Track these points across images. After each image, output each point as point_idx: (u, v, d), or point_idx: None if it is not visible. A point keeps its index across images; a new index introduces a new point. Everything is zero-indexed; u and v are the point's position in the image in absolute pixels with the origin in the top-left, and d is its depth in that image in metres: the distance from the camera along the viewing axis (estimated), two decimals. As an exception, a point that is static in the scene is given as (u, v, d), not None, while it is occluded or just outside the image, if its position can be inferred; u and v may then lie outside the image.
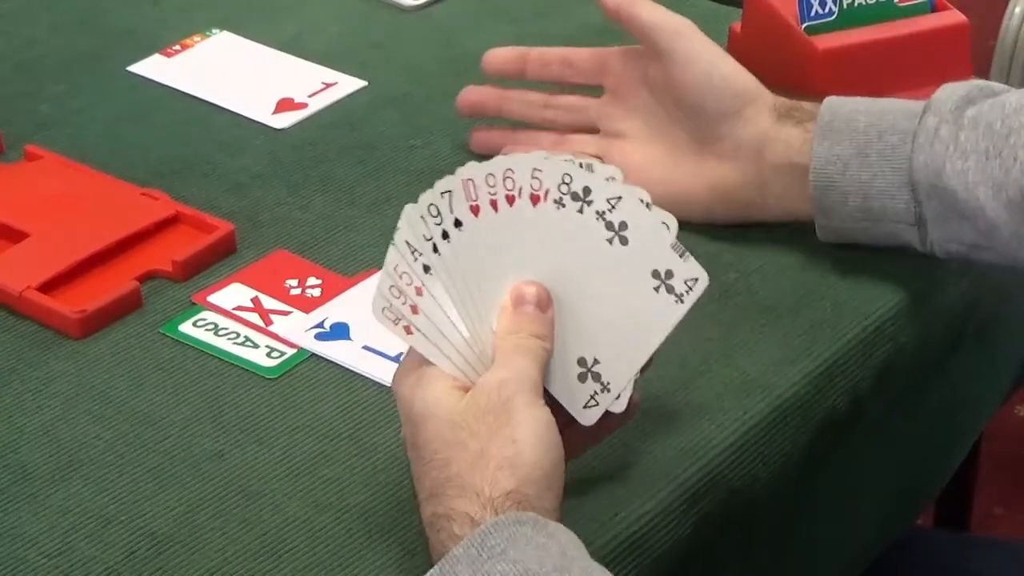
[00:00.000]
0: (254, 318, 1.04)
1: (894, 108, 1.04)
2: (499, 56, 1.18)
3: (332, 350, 1.01)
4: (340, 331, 1.03)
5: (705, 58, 1.09)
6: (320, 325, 1.03)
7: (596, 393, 0.87)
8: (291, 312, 1.04)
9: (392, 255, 0.85)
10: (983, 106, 1.01)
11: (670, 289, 0.86)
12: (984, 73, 1.51)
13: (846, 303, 1.05)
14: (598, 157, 1.12)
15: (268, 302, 1.06)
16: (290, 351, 1.02)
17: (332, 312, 1.04)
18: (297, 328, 1.03)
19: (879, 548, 1.15)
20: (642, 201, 0.86)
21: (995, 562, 1.26)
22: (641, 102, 1.12)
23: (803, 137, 1.06)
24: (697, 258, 0.87)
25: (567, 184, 0.85)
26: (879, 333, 1.04)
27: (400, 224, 0.85)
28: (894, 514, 1.16)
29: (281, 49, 1.33)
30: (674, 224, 0.86)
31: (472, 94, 1.19)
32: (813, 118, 1.06)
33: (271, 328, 1.03)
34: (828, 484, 1.04)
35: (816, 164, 1.04)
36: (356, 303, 1.05)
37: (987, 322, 1.14)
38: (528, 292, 0.86)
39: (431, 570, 0.79)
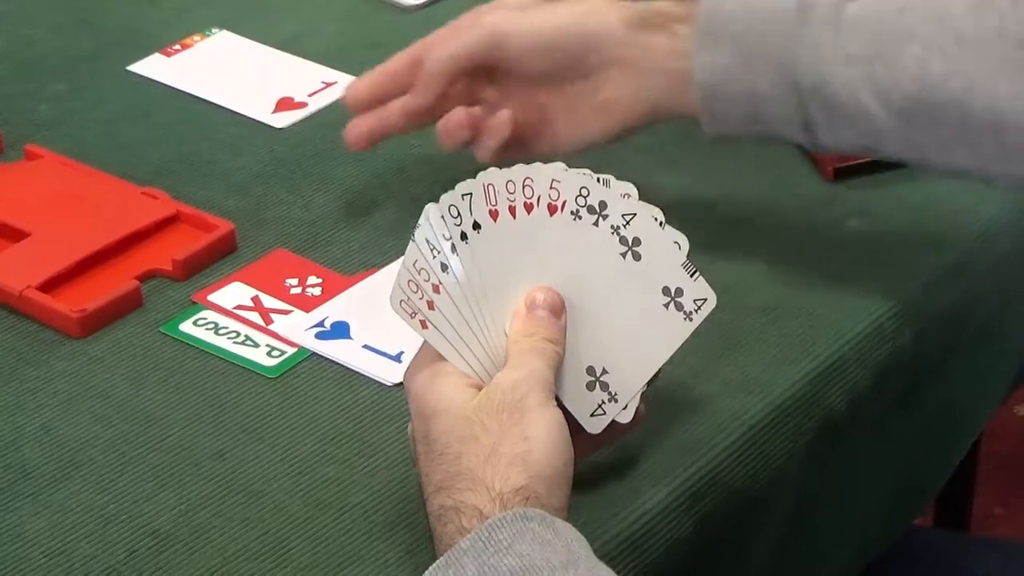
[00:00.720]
0: (254, 317, 1.04)
1: (768, 7, 1.01)
2: (362, 85, 1.12)
3: (332, 349, 1.01)
4: (340, 330, 1.03)
5: (523, 32, 1.06)
6: (320, 324, 1.03)
7: (604, 402, 0.88)
8: (291, 311, 1.05)
9: (411, 251, 0.86)
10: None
11: (679, 307, 0.88)
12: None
13: (845, 303, 1.05)
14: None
15: (268, 301, 1.06)
16: (290, 350, 1.02)
17: (332, 311, 1.04)
18: (297, 327, 1.03)
19: (879, 548, 1.15)
20: (655, 219, 0.88)
21: (995, 562, 1.26)
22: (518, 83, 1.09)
23: (670, 44, 1.03)
24: (695, 256, 0.88)
25: (584, 197, 0.87)
26: (878, 333, 1.04)
27: (421, 221, 0.86)
28: (894, 514, 1.16)
29: (281, 49, 1.33)
30: (685, 244, 0.88)
31: (353, 130, 1.11)
32: (678, 20, 1.03)
33: (271, 327, 1.03)
34: (828, 484, 1.04)
35: (700, 76, 1.01)
36: (356, 302, 1.05)
37: (986, 322, 1.14)
38: (543, 298, 0.87)
39: (437, 561, 0.80)
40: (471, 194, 0.87)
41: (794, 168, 1.18)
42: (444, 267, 0.86)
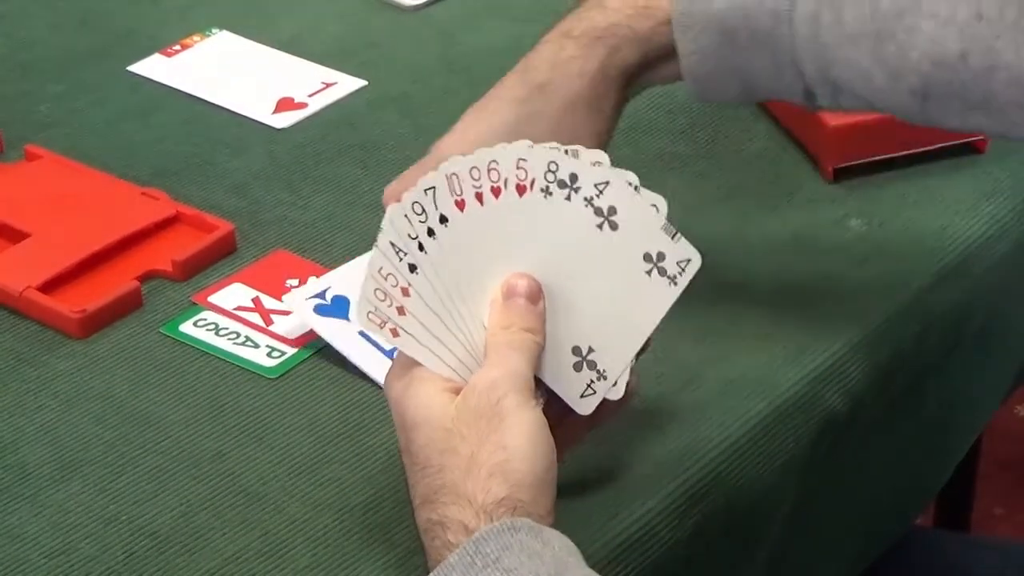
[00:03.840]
0: (254, 318, 1.04)
1: None
2: None
3: (328, 328, 1.00)
4: (340, 306, 1.02)
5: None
6: (322, 295, 1.02)
7: (592, 381, 0.86)
8: (292, 312, 1.04)
9: (376, 258, 0.83)
10: None
11: (663, 272, 0.85)
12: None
13: (846, 303, 1.05)
14: None
15: (268, 302, 1.06)
16: (291, 351, 1.02)
17: (335, 282, 1.03)
18: (299, 295, 1.02)
19: (879, 548, 1.15)
20: (630, 184, 0.85)
21: (995, 562, 1.26)
22: None
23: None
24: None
25: (553, 172, 0.84)
26: (879, 333, 1.04)
27: (383, 225, 0.84)
28: (894, 514, 1.16)
29: (281, 49, 1.33)
30: (664, 206, 0.85)
31: None
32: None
33: (271, 328, 1.03)
34: (828, 484, 1.04)
35: (686, 63, 0.97)
36: (360, 278, 1.03)
37: (987, 322, 1.14)
38: (519, 285, 0.85)
39: (425, 577, 0.79)
40: (434, 188, 0.84)
41: (794, 168, 1.18)
42: (413, 268, 0.84)
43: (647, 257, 0.85)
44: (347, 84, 1.28)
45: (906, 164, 1.17)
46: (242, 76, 1.29)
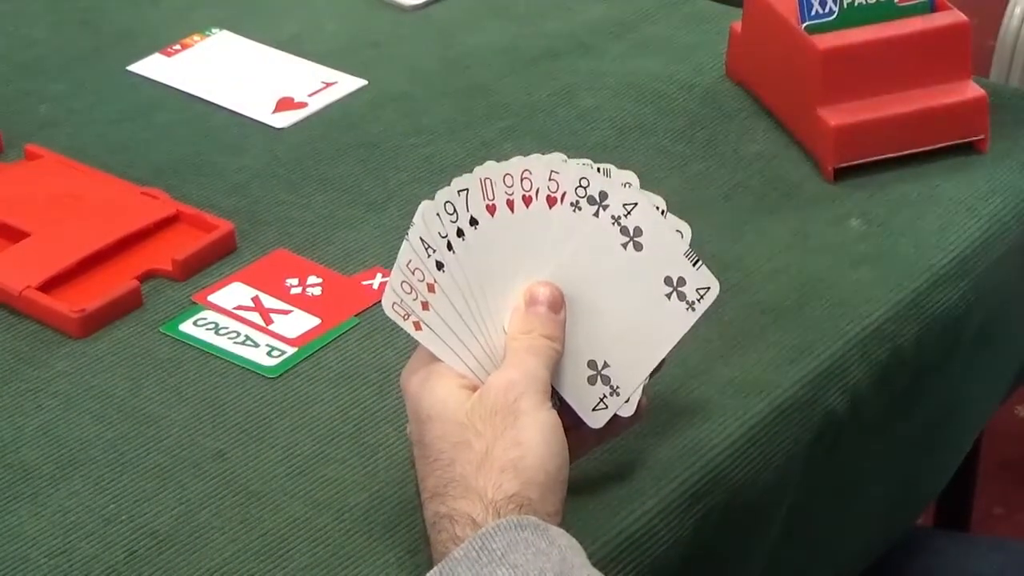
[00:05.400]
0: (254, 317, 1.04)
1: None
2: None
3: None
4: None
5: None
6: None
7: (605, 396, 0.87)
8: (291, 311, 1.04)
9: (405, 251, 0.85)
10: None
11: (682, 297, 0.87)
12: (984, 73, 1.51)
13: (846, 303, 1.05)
14: None
15: (268, 301, 1.06)
16: (290, 350, 1.02)
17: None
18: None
19: (879, 548, 1.15)
20: (657, 208, 0.87)
21: (995, 562, 1.26)
22: None
23: None
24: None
25: (584, 187, 0.86)
26: (879, 333, 1.04)
27: (415, 220, 0.85)
28: (894, 514, 1.16)
29: (281, 49, 1.33)
30: (688, 232, 0.87)
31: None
32: None
33: (271, 327, 1.03)
34: (828, 484, 1.04)
35: None
36: None
37: (987, 322, 1.14)
38: (541, 293, 0.86)
39: (431, 571, 0.79)
40: (467, 190, 0.85)
41: (794, 168, 1.18)
42: (440, 265, 0.85)
43: (668, 281, 0.87)
44: (347, 84, 1.28)
45: (906, 164, 1.17)
46: (242, 76, 1.29)
